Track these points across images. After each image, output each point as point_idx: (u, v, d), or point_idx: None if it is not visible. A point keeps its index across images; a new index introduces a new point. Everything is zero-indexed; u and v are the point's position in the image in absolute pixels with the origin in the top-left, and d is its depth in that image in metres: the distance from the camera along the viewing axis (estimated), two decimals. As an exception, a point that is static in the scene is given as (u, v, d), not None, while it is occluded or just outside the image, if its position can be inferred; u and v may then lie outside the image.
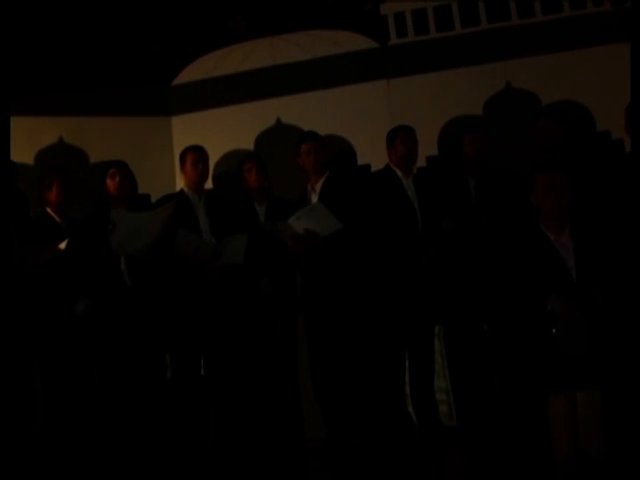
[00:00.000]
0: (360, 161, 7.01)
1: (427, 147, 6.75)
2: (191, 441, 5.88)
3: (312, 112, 7.08)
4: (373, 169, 6.71)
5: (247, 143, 7.17)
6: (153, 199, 6.76)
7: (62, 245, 5.65)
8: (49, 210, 6.01)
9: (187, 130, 7.12)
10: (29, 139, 6.60)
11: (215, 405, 6.02)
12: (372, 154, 6.68)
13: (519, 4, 6.82)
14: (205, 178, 6.29)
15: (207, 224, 6.15)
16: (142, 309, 5.88)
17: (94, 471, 5.53)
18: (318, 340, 6.07)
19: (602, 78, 6.61)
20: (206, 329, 6.04)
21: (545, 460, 4.52)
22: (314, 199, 6.05)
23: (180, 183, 6.47)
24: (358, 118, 6.98)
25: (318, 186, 6.09)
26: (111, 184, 6.08)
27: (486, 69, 6.83)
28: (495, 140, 6.39)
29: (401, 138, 6.17)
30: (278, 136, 7.11)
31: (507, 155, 6.54)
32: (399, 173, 6.16)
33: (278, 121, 7.21)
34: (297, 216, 5.81)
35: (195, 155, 6.23)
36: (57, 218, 5.99)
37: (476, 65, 6.85)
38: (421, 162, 6.69)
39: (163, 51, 7.25)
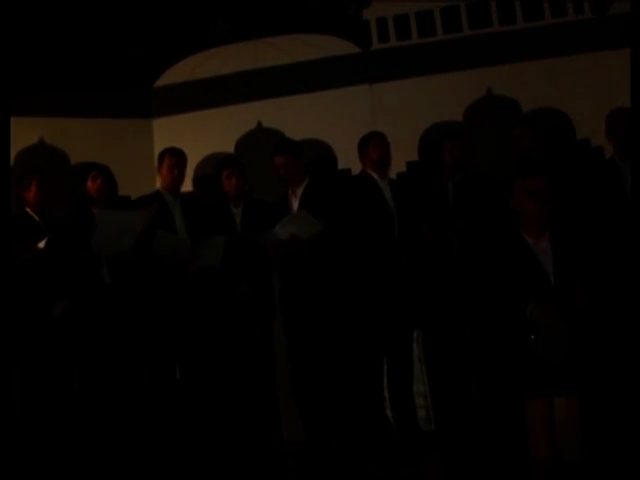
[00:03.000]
0: (341, 165, 7.01)
1: (407, 152, 6.77)
2: (168, 445, 5.87)
3: (293, 116, 7.09)
4: (354, 173, 6.71)
5: (228, 146, 7.16)
6: (133, 201, 6.76)
7: (41, 244, 5.65)
8: (28, 210, 6.00)
9: (168, 133, 7.11)
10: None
11: (192, 409, 6.01)
12: (353, 158, 6.67)
13: (501, 11, 6.84)
14: (181, 181, 6.30)
15: (183, 225, 6.16)
16: (122, 309, 5.88)
17: (70, 472, 5.51)
18: (297, 343, 6.08)
19: (583, 85, 6.65)
20: (182, 332, 6.04)
21: (523, 465, 4.53)
22: (295, 203, 6.07)
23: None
24: (340, 122, 6.99)
25: (299, 191, 6.11)
26: (92, 186, 6.09)
27: (467, 75, 6.85)
28: (475, 146, 6.41)
29: (374, 144, 6.20)
30: (259, 140, 7.11)
31: (487, 161, 6.56)
32: (375, 177, 6.17)
33: (259, 125, 7.20)
34: (282, 224, 5.84)
35: (173, 159, 6.24)
36: (36, 217, 5.99)
37: (457, 71, 6.87)
38: (401, 167, 6.70)
39: (145, 53, 7.24)
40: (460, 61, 6.87)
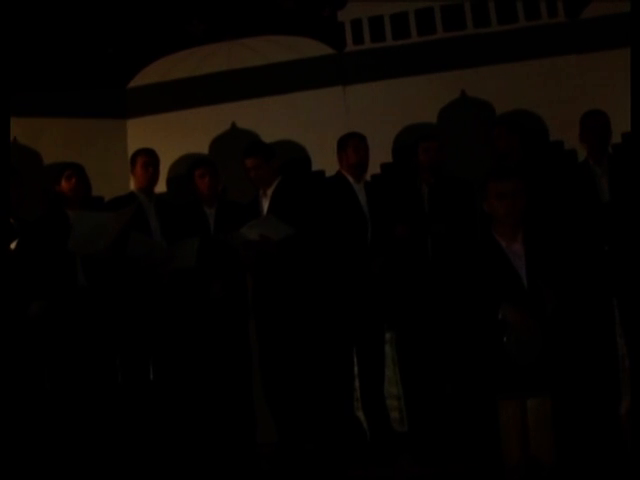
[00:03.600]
0: (315, 167, 7.01)
1: (382, 154, 6.77)
2: (141, 446, 5.85)
3: (268, 117, 7.09)
4: (327, 175, 6.71)
5: (202, 147, 7.15)
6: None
7: (12, 245, 5.62)
8: (1, 210, 5.98)
9: (142, 133, 7.09)
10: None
11: (165, 410, 6.00)
12: (327, 160, 6.68)
13: (475, 14, 6.86)
14: (155, 181, 6.29)
15: (158, 227, 6.15)
16: (96, 311, 5.86)
17: (42, 473, 5.48)
18: (269, 344, 6.07)
19: (556, 89, 6.68)
20: (156, 333, 6.02)
21: (496, 466, 4.54)
22: (265, 204, 6.07)
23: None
24: (314, 124, 6.98)
25: (270, 191, 6.09)
26: (66, 185, 6.05)
27: (441, 77, 6.87)
28: (449, 148, 6.41)
29: (352, 145, 6.18)
30: (233, 141, 7.10)
31: (461, 163, 6.57)
32: (350, 179, 6.16)
33: (233, 125, 7.20)
34: (249, 225, 5.83)
35: (145, 158, 6.23)
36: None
37: (432, 73, 6.89)
38: (376, 169, 6.71)
39: (119, 53, 7.21)
40: (434, 63, 6.89)
